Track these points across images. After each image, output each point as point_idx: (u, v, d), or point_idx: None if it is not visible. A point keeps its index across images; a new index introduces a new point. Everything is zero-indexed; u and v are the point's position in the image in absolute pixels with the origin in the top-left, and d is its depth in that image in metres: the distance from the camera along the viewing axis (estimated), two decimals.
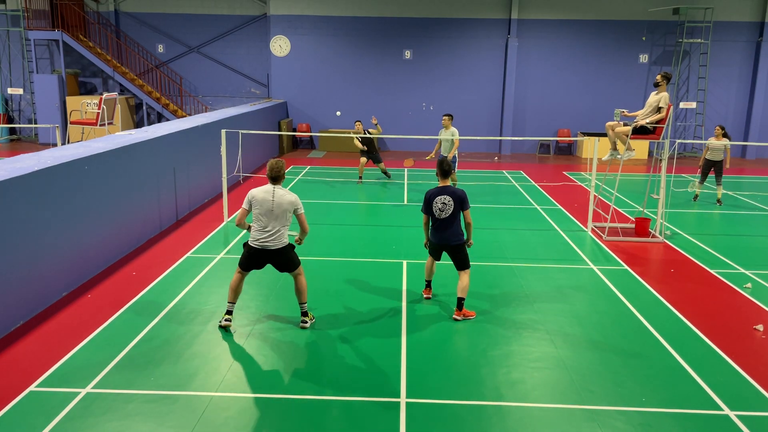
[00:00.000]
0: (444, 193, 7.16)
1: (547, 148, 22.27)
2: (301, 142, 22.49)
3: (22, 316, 6.89)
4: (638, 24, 21.19)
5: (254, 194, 6.64)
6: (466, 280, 7.24)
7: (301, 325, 6.94)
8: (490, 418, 5.25)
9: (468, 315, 7.25)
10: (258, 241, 6.62)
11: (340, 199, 13.51)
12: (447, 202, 7.11)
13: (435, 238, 7.37)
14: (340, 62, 21.84)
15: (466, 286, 7.21)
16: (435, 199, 7.17)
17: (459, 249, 7.27)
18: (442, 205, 7.13)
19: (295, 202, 6.64)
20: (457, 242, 7.25)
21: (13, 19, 21.99)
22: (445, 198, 7.13)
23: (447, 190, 7.18)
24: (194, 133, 12.37)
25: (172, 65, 22.47)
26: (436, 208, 7.16)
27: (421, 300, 7.80)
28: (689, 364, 6.24)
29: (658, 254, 10.08)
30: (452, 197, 7.12)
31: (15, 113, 22.69)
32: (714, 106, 21.71)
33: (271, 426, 5.09)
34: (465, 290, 7.21)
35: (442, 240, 7.30)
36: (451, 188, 7.21)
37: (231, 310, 6.82)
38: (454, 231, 7.22)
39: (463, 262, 7.29)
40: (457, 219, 7.21)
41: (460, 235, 7.26)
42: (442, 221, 7.19)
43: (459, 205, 7.13)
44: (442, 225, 7.22)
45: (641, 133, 10.53)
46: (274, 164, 6.64)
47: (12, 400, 5.32)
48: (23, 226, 6.89)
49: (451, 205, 7.10)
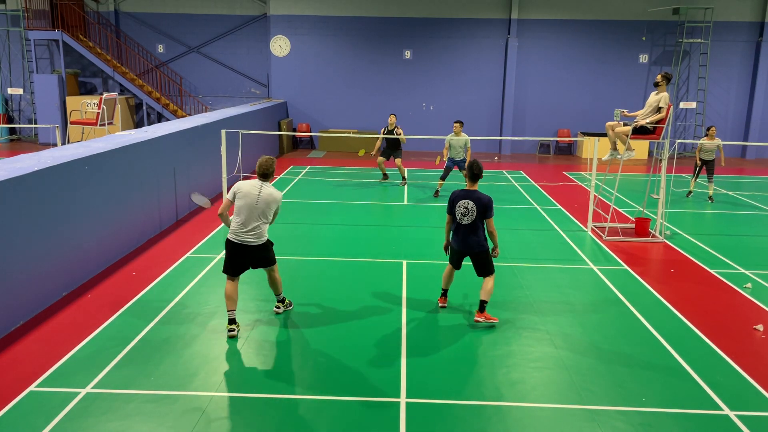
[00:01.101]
0: (469, 198, 6.88)
1: (547, 148, 22.27)
2: (301, 142, 22.49)
3: (22, 316, 6.89)
4: (638, 24, 21.19)
5: (240, 186, 6.60)
6: (490, 284, 7.03)
7: (275, 310, 7.13)
8: (490, 418, 5.25)
9: (489, 319, 7.03)
10: (238, 236, 6.55)
11: (340, 199, 13.51)
12: (470, 208, 6.85)
13: (456, 243, 7.10)
14: (340, 62, 21.84)
15: (490, 289, 7.01)
16: (459, 203, 6.91)
17: (481, 256, 7.00)
18: (464, 210, 6.87)
19: (279, 200, 6.69)
20: (480, 249, 6.97)
21: (13, 19, 21.99)
22: (468, 203, 6.86)
23: (472, 196, 6.89)
24: (194, 133, 12.37)
25: (172, 65, 22.48)
26: (459, 212, 6.90)
27: (421, 300, 7.79)
28: (689, 364, 6.24)
29: (658, 254, 10.08)
30: (476, 204, 6.83)
31: (15, 113, 22.69)
32: (714, 106, 21.71)
33: (271, 426, 5.09)
34: (489, 293, 7.01)
35: (464, 246, 7.02)
36: (477, 194, 6.88)
37: (233, 318, 6.68)
38: (477, 238, 6.94)
39: (486, 268, 7.05)
40: (481, 226, 6.95)
41: (483, 242, 6.98)
42: (464, 227, 6.93)
43: (483, 213, 6.85)
44: (464, 231, 6.96)
45: (641, 133, 10.53)
46: (263, 161, 6.64)
47: (12, 400, 5.32)
48: (23, 226, 6.89)
49: (474, 211, 6.84)
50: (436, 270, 8.97)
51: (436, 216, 12.30)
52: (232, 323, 6.67)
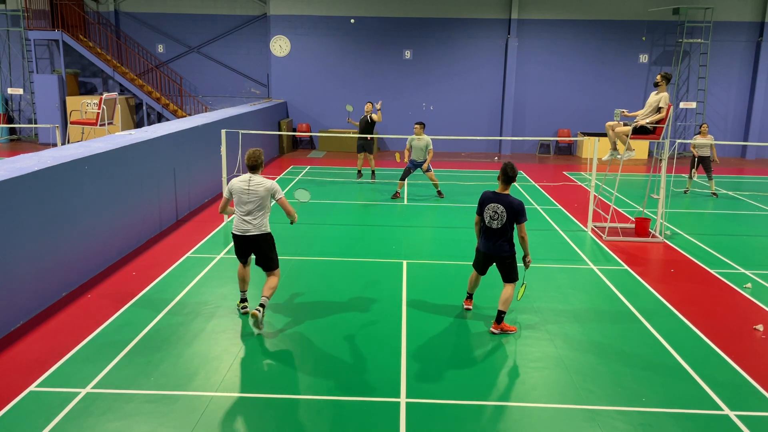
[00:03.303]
0: (498, 202, 6.64)
1: (547, 148, 22.27)
2: (301, 142, 22.48)
3: (23, 315, 6.89)
4: (638, 24, 21.19)
5: (232, 183, 6.86)
6: (509, 292, 6.78)
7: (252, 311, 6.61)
8: (490, 418, 5.25)
9: (507, 329, 6.85)
10: (238, 228, 6.83)
11: (340, 199, 13.51)
12: (499, 212, 6.62)
13: (483, 246, 6.90)
14: (340, 62, 21.84)
15: (508, 298, 6.76)
16: (488, 205, 6.71)
17: (508, 261, 6.80)
18: (493, 213, 6.66)
19: (272, 187, 6.76)
20: (506, 254, 6.76)
21: (13, 19, 21.99)
22: (498, 207, 6.63)
23: (503, 199, 6.64)
24: (194, 133, 12.37)
25: (172, 65, 22.47)
26: (487, 215, 6.71)
27: (421, 300, 7.79)
28: (689, 364, 6.24)
29: (658, 254, 10.08)
30: (507, 208, 6.59)
31: (15, 113, 22.69)
32: (714, 106, 21.71)
33: (271, 426, 5.09)
34: (507, 303, 6.77)
35: (491, 250, 6.81)
36: (509, 198, 6.63)
37: (244, 298, 7.23)
38: (505, 243, 6.74)
39: (510, 274, 6.83)
40: (511, 231, 6.73)
41: (511, 247, 6.78)
42: (493, 231, 6.73)
43: (513, 218, 6.61)
44: (492, 234, 6.76)
45: (641, 133, 10.53)
46: (251, 153, 6.81)
47: (12, 400, 5.32)
48: (23, 226, 6.89)
49: (504, 216, 6.61)
50: (436, 270, 8.99)
51: (436, 216, 12.30)
52: (244, 301, 7.22)
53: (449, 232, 11.18)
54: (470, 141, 21.81)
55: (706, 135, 14.40)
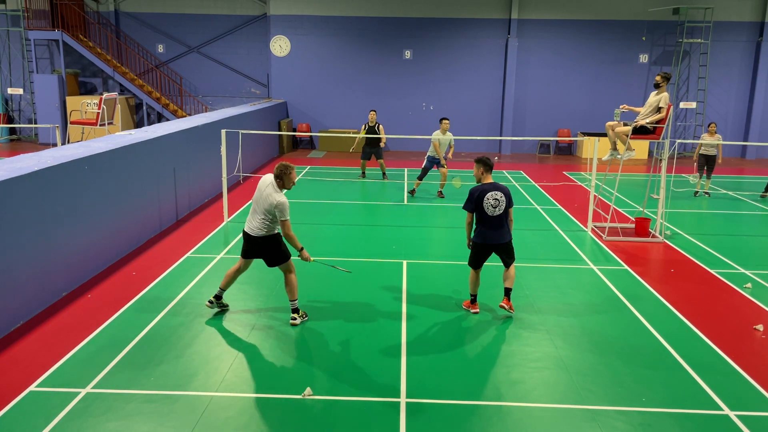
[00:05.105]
0: (496, 189, 7.00)
1: (547, 148, 22.27)
2: (301, 142, 22.49)
3: (22, 316, 6.89)
4: (638, 24, 21.19)
5: (261, 179, 6.94)
6: (514, 270, 7.25)
7: (291, 322, 6.97)
8: (490, 418, 5.25)
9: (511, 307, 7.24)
10: (246, 224, 6.94)
11: (340, 199, 13.51)
12: (500, 198, 6.95)
13: (486, 238, 7.10)
14: (340, 62, 21.84)
15: (513, 275, 7.24)
16: (487, 195, 6.95)
17: (511, 244, 7.20)
18: (494, 201, 6.94)
19: (278, 206, 6.55)
20: (510, 238, 7.17)
21: (13, 19, 21.99)
22: (497, 194, 6.96)
23: (499, 187, 7.04)
24: (194, 133, 12.37)
25: (172, 65, 22.47)
26: (488, 204, 6.94)
27: (421, 300, 7.79)
28: (689, 364, 6.24)
29: (658, 254, 10.08)
30: (504, 193, 6.99)
31: (15, 113, 22.69)
32: (714, 106, 21.71)
33: (271, 426, 5.09)
34: (513, 279, 7.23)
35: (498, 238, 7.09)
36: (500, 184, 7.08)
37: (219, 295, 7.14)
38: (507, 227, 7.12)
39: (512, 255, 7.25)
40: (507, 216, 7.12)
41: (510, 231, 7.18)
42: (495, 218, 7.01)
43: (509, 201, 7.05)
44: (494, 223, 7.03)
45: (641, 133, 10.53)
46: (280, 164, 6.78)
47: (12, 400, 5.32)
48: (23, 227, 6.89)
49: (503, 201, 6.97)
50: (436, 270, 8.98)
51: (436, 216, 12.30)
52: (218, 298, 7.14)
53: (449, 232, 11.19)
54: (470, 141, 21.80)
55: (714, 134, 14.31)
